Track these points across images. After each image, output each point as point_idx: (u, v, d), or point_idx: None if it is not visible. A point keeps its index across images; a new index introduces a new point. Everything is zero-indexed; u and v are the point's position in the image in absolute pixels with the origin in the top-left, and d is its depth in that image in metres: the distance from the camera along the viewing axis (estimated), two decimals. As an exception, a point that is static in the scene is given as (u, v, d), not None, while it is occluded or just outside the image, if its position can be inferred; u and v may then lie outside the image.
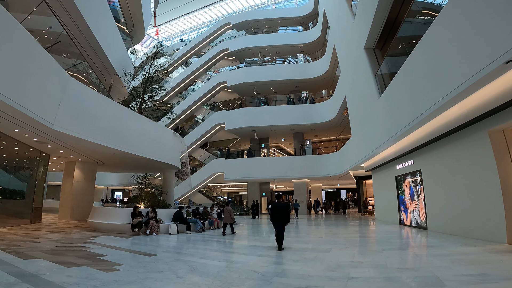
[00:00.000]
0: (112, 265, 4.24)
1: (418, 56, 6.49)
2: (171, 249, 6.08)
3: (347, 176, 19.13)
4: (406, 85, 7.28)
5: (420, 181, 8.51)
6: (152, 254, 5.34)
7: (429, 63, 6.01)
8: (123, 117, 9.95)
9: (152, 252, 5.54)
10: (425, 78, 6.22)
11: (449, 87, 5.18)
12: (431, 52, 5.88)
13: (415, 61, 6.64)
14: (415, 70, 6.70)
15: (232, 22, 26.23)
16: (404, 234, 7.96)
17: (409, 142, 8.57)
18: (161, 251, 5.76)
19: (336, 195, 29.90)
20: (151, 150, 11.12)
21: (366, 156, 11.62)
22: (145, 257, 5.08)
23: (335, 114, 17.70)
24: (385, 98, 8.93)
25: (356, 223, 12.76)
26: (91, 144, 8.67)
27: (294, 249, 5.79)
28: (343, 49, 14.64)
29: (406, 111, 7.37)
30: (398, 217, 10.28)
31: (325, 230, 9.85)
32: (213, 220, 10.29)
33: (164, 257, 5.05)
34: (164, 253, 5.48)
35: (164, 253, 5.54)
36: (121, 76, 12.51)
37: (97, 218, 8.74)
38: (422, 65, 6.31)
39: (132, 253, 5.48)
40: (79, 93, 7.88)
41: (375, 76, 10.24)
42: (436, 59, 5.69)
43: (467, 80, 4.62)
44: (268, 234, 8.77)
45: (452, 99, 5.27)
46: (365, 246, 6.01)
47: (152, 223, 8.09)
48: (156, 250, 5.80)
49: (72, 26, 9.41)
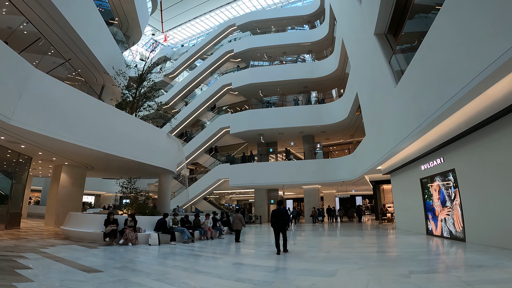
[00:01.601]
0: (23, 281, 3.40)
1: (447, 18, 5.07)
2: (130, 264, 4.86)
3: (362, 181, 17.35)
4: (432, 61, 5.82)
5: (454, 183, 6.87)
6: (97, 271, 4.20)
7: (465, 24, 4.57)
8: (106, 115, 9.05)
9: (99, 268, 4.39)
10: (460, 45, 4.77)
11: (497, 50, 3.74)
12: (468, 7, 4.45)
13: (443, 24, 5.21)
14: (444, 37, 5.25)
15: (237, 23, 25.54)
16: (436, 247, 6.33)
17: (438, 135, 7.00)
18: (113, 266, 4.59)
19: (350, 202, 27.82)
20: (140, 153, 10.14)
21: (383, 156, 10.03)
22: (83, 273, 3.99)
23: (347, 113, 16.18)
24: (404, 84, 7.49)
25: (373, 232, 11.04)
26: (67, 144, 7.77)
27: (288, 269, 4.42)
28: (351, 41, 13.37)
29: (433, 96, 5.90)
30: (425, 226, 8.56)
31: (335, 242, 8.29)
32: (206, 229, 9.01)
33: (106, 276, 3.91)
34: (113, 270, 4.31)
35: (113, 269, 4.36)
36: (112, 75, 11.78)
37: (69, 225, 7.78)
38: (455, 28, 4.87)
39: (72, 267, 4.36)
40: (48, 87, 7.04)
41: (389, 63, 8.86)
42: (477, 15, 4.25)
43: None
44: (265, 246, 7.40)
45: (499, 69, 3.82)
46: (385, 267, 4.50)
47: (128, 232, 6.96)
48: (107, 265, 4.65)
49: (50, 22, 8.74)
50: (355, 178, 15.79)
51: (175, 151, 13.14)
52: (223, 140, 22.49)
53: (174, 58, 31.11)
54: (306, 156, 19.73)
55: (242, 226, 8.56)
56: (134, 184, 10.10)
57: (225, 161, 21.15)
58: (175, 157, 13.22)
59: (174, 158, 13.11)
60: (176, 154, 13.35)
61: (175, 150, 13.17)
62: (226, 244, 8.17)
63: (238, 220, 8.50)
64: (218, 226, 9.83)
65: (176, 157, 13.43)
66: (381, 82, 9.49)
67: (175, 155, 13.21)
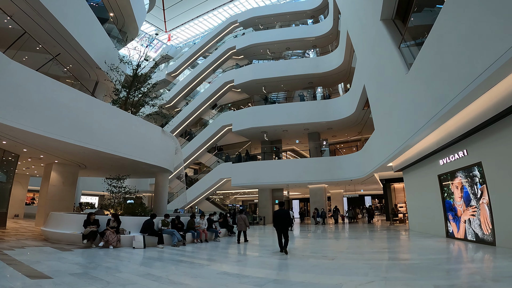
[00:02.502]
0: None
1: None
2: (94, 270, 4.17)
3: (371, 180, 16.34)
4: (453, 34, 4.94)
5: (481, 179, 5.93)
6: (46, 277, 3.58)
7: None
8: (93, 110, 8.45)
9: (51, 274, 3.74)
10: (491, 10, 3.90)
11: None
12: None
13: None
14: (469, 4, 4.38)
15: (239, 20, 24.90)
16: (461, 253, 5.41)
17: (460, 123, 6.09)
18: (71, 272, 3.94)
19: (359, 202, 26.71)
20: (133, 150, 9.52)
21: (395, 151, 9.09)
22: (24, 279, 3.41)
23: (354, 108, 15.24)
24: (417, 69, 6.65)
25: (384, 235, 10.08)
26: (49, 140, 7.20)
27: (281, 282, 3.63)
28: (357, 31, 12.61)
29: (454, 76, 5.03)
30: (444, 228, 7.60)
31: (341, 246, 7.41)
32: (200, 231, 8.28)
33: (51, 284, 3.31)
34: (66, 277, 3.67)
35: (68, 276, 3.72)
36: (105, 70, 11.25)
37: (49, 226, 7.23)
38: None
39: (19, 272, 3.76)
40: (25, 79, 6.47)
41: (399, 48, 8.03)
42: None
43: None
44: (262, 251, 6.61)
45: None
46: (402, 279, 3.65)
47: (109, 234, 6.30)
48: (65, 271, 3.99)
49: (35, 16, 8.26)
50: (364, 177, 14.81)
51: (172, 149, 12.49)
52: (226, 139, 21.83)
53: (177, 57, 30.70)
54: (312, 154, 18.83)
55: (246, 227, 8.42)
56: (123, 182, 9.46)
57: (226, 160, 20.51)
58: (172, 155, 12.58)
59: (171, 156, 12.46)
60: (173, 152, 12.71)
61: (172, 148, 12.53)
62: (220, 248, 7.41)
63: (242, 221, 8.36)
64: (214, 228, 9.09)
65: (173, 155, 12.79)
66: (390, 70, 8.75)
67: (172, 153, 12.56)
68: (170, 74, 28.39)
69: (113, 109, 9.53)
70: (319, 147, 18.90)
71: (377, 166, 11.76)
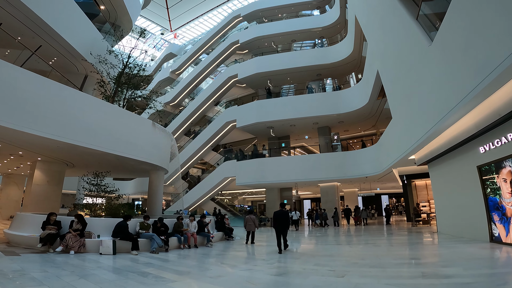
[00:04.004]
0: None
1: None
2: (21, 284, 3.09)
3: (389, 176, 14.69)
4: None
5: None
6: None
7: None
8: (68, 100, 7.55)
9: None
10: None
11: None
12: None
13: None
14: None
15: (242, 14, 23.88)
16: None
17: (510, 97, 4.63)
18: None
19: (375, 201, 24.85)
20: (115, 144, 8.56)
21: (419, 140, 7.62)
22: None
23: (367, 99, 13.75)
24: (444, 35, 5.36)
25: (407, 239, 8.54)
26: (17, 133, 6.35)
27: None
28: (366, 14, 11.51)
29: (502, 31, 3.65)
30: (488, 231, 6.05)
31: (355, 255, 6.02)
32: (188, 236, 7.13)
33: None
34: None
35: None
36: (92, 62, 10.43)
37: (12, 228, 6.41)
38: None
39: None
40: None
41: (417, 19, 6.81)
42: None
43: None
44: (258, 260, 5.38)
45: None
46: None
47: (69, 238, 5.28)
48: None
49: (5, 4, 7.47)
50: (381, 173, 13.24)
51: (166, 145, 11.49)
52: (231, 136, 20.76)
53: (180, 55, 30.07)
54: (322, 151, 17.35)
55: (255, 228, 8.24)
56: (103, 180, 8.49)
57: (226, 159, 19.44)
58: (167, 152, 11.58)
59: (166, 153, 11.47)
60: (167, 148, 11.71)
61: (166, 144, 11.53)
62: (207, 256, 6.20)
63: (251, 222, 8.23)
64: (206, 232, 7.92)
65: (168, 152, 11.79)
66: (408, 46, 7.61)
67: (166, 150, 11.56)
68: (174, 72, 27.76)
69: (94, 100, 8.62)
70: (329, 142, 17.41)
71: (396, 160, 10.24)
